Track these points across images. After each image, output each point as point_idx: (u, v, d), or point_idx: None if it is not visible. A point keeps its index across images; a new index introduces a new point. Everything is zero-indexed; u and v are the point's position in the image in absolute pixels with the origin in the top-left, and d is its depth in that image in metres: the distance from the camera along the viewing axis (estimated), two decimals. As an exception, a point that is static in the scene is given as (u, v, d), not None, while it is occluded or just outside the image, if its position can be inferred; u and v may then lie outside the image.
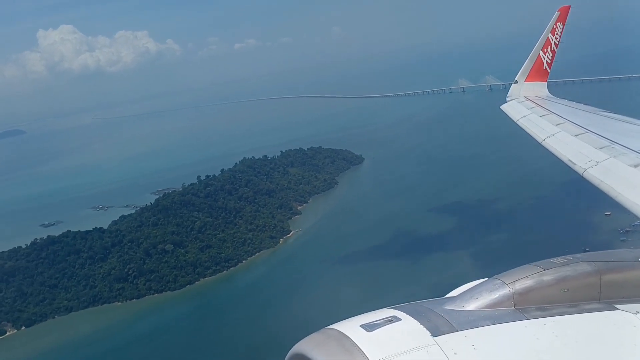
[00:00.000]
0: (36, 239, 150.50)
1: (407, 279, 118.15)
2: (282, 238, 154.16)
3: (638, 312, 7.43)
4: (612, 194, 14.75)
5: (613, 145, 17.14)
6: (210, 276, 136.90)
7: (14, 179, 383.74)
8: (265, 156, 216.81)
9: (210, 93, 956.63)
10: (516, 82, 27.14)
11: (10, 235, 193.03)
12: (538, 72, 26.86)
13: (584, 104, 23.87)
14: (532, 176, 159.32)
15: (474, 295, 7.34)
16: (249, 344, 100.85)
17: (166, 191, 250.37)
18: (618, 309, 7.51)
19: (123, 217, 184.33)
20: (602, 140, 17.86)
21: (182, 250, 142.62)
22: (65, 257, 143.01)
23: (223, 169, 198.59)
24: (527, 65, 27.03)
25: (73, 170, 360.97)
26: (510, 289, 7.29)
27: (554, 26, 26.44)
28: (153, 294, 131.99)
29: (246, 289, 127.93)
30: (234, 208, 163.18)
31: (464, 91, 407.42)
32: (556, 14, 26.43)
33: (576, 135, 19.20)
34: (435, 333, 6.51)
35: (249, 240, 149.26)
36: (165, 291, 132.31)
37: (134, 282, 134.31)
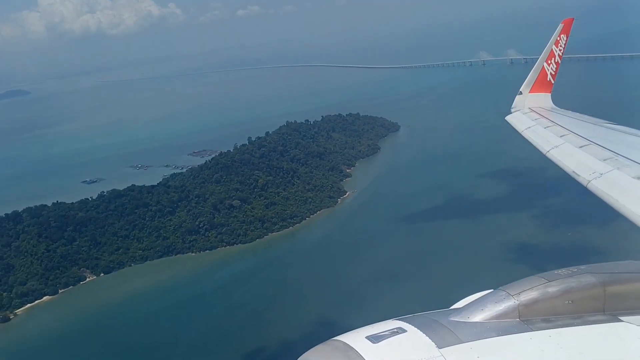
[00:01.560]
0: (102, 192, 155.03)
1: (470, 239, 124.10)
2: (340, 198, 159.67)
3: None
4: (616, 205, 14.81)
5: (616, 157, 17.18)
6: (278, 231, 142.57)
7: (33, 138, 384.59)
8: (307, 120, 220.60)
9: (214, 59, 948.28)
10: (520, 93, 26.99)
11: (55, 190, 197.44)
12: (542, 84, 26.71)
13: (588, 115, 23.94)
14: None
15: (479, 307, 7.33)
16: (324, 297, 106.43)
17: (202, 153, 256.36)
18: (622, 321, 7.40)
19: (174, 174, 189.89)
20: (605, 152, 17.88)
21: (249, 207, 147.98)
22: (134, 209, 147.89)
23: (268, 132, 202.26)
24: (531, 76, 26.84)
25: (96, 131, 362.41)
26: (516, 301, 7.28)
27: (558, 38, 26.24)
28: (225, 246, 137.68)
29: (315, 244, 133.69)
30: (290, 168, 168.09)
31: (484, 64, 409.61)
32: (560, 26, 26.38)
33: (580, 147, 19.22)
34: (440, 345, 6.51)
35: (310, 199, 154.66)
36: (237, 244, 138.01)
37: (206, 234, 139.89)
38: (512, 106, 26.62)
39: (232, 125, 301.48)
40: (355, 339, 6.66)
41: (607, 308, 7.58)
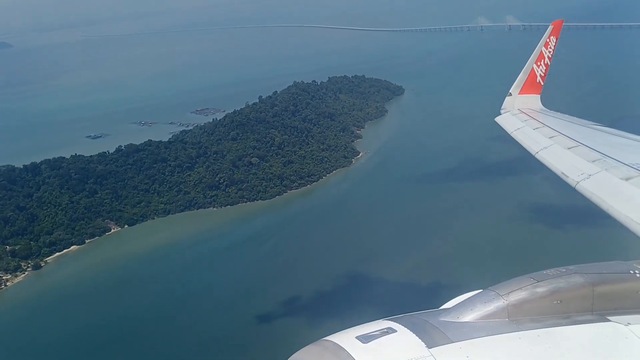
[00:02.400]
0: (120, 146, 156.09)
1: (486, 200, 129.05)
2: (354, 158, 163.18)
3: (630, 324, 7.42)
4: (604, 206, 14.98)
5: (605, 159, 17.43)
6: (296, 189, 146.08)
7: (25, 92, 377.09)
8: (314, 81, 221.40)
9: (199, 16, 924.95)
10: (510, 94, 27.03)
11: (60, 144, 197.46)
12: (532, 85, 26.83)
13: (577, 117, 24.28)
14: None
15: (468, 307, 7.39)
16: (350, 253, 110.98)
17: (206, 111, 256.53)
18: (610, 321, 7.49)
19: (185, 131, 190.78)
20: (594, 154, 18.14)
21: (267, 164, 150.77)
22: (152, 164, 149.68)
23: (276, 91, 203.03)
24: (520, 78, 26.95)
25: (90, 86, 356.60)
26: (505, 301, 7.33)
27: (548, 40, 26.37)
28: (245, 202, 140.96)
29: (334, 202, 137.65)
30: (304, 128, 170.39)
31: (482, 30, 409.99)
32: (550, 27, 26.57)
33: (569, 148, 19.46)
34: (430, 345, 6.56)
35: (326, 159, 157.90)
36: (257, 200, 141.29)
37: (226, 190, 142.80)
38: (502, 107, 26.61)
39: (231, 85, 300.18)
40: (346, 339, 6.66)
41: (595, 308, 7.61)
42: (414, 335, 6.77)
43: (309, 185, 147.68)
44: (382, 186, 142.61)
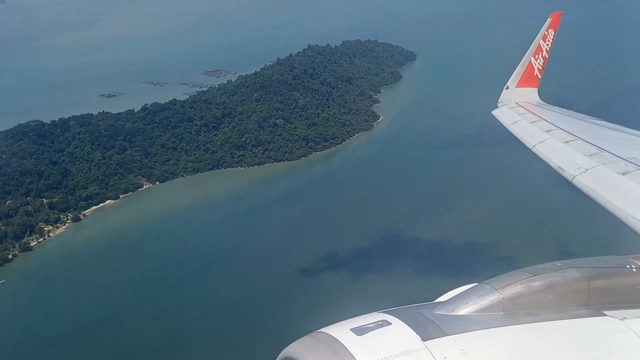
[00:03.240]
0: (146, 105, 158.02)
1: (510, 168, 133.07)
2: (375, 122, 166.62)
3: (625, 318, 7.52)
4: (601, 201, 14.91)
5: (602, 153, 17.29)
6: (321, 151, 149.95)
7: (28, 49, 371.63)
8: (329, 44, 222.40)
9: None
10: (507, 87, 26.90)
11: (74, 103, 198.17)
12: (529, 79, 26.73)
13: (574, 110, 24.19)
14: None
15: (464, 300, 7.43)
16: (384, 213, 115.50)
17: (217, 73, 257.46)
18: (605, 315, 7.55)
19: (202, 92, 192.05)
20: (591, 148, 18.04)
21: (292, 126, 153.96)
22: (179, 123, 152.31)
23: (292, 54, 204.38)
24: (518, 71, 26.80)
25: (95, 46, 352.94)
26: (500, 294, 7.38)
27: (546, 33, 26.21)
28: (272, 162, 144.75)
29: (361, 165, 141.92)
30: (326, 91, 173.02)
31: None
32: (548, 20, 26.38)
33: (566, 142, 19.36)
34: (425, 337, 6.60)
35: (348, 122, 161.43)
36: (283, 161, 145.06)
37: (253, 150, 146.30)
38: (499, 100, 26.58)
39: (239, 47, 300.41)
40: (340, 331, 6.66)
41: (590, 302, 7.65)
42: (409, 328, 6.72)
43: (332, 148, 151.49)
44: (405, 150, 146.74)
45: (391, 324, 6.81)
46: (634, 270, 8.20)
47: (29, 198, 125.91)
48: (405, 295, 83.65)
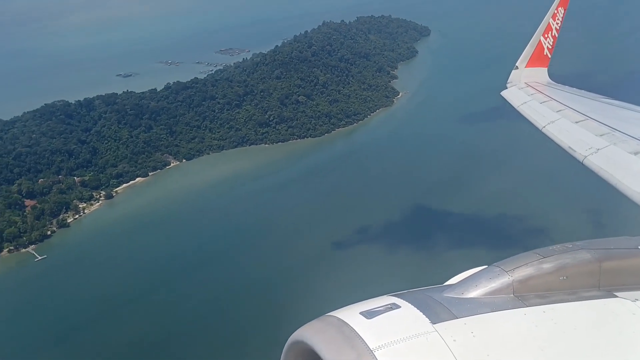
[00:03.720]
0: (169, 83, 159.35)
1: (536, 141, 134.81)
2: (395, 98, 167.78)
3: (637, 300, 7.48)
4: (612, 181, 14.75)
5: (613, 133, 17.10)
6: (343, 127, 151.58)
7: (35, 31, 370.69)
8: (343, 21, 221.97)
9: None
10: (516, 68, 26.09)
11: (93, 82, 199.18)
12: (539, 58, 26.12)
13: (585, 89, 23.57)
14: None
15: (473, 283, 7.40)
16: (414, 187, 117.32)
17: (230, 51, 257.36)
18: (617, 297, 7.53)
19: (220, 70, 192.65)
20: (602, 127, 17.83)
21: (313, 103, 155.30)
22: (201, 101, 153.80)
23: (307, 31, 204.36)
24: (527, 50, 26.04)
25: (102, 26, 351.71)
26: (510, 277, 7.32)
27: (555, 11, 25.56)
28: (296, 139, 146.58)
29: (384, 140, 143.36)
30: (344, 68, 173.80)
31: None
32: None
33: (576, 122, 19.15)
34: (434, 320, 6.59)
35: (369, 98, 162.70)
36: (307, 137, 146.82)
37: (276, 127, 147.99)
38: (508, 81, 25.88)
39: (250, 25, 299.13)
40: (349, 314, 6.70)
41: (602, 284, 7.64)
42: (418, 311, 6.72)
43: (355, 124, 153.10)
44: (427, 125, 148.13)
45: (400, 307, 6.78)
46: None
47: (60, 176, 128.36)
48: (439, 267, 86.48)
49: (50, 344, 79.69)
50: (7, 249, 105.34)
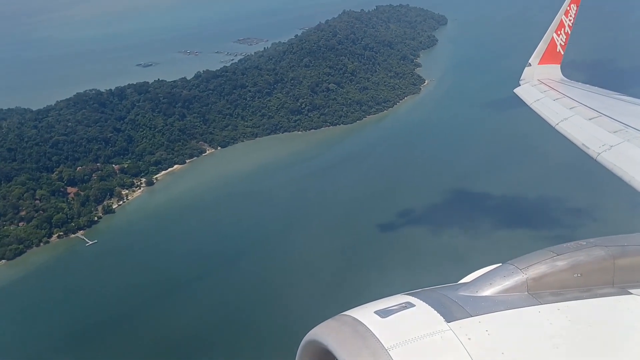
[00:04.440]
0: (199, 72, 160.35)
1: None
2: (421, 86, 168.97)
3: None
4: (626, 178, 14.73)
5: (627, 129, 17.06)
6: (374, 114, 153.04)
7: (48, 21, 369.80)
8: (362, 10, 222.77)
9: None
10: (529, 65, 26.24)
11: (113, 73, 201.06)
12: (551, 55, 26.06)
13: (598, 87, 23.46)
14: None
15: (487, 281, 7.37)
16: (453, 171, 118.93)
17: (248, 41, 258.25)
18: (632, 294, 7.50)
19: (243, 59, 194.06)
20: (615, 124, 17.78)
21: (343, 90, 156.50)
22: (232, 90, 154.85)
23: (328, 19, 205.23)
24: (540, 47, 26.06)
25: (112, 16, 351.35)
26: (524, 275, 7.31)
27: (568, 8, 25.62)
28: (328, 126, 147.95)
29: (416, 126, 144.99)
30: (371, 56, 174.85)
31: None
32: None
33: (590, 119, 19.08)
34: (449, 319, 6.58)
35: (397, 86, 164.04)
36: (339, 124, 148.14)
37: (308, 115, 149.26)
38: (521, 78, 26.06)
39: (264, 14, 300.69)
40: (364, 314, 6.71)
41: (616, 281, 7.60)
42: (433, 309, 6.72)
43: (385, 111, 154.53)
44: (457, 112, 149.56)
45: (415, 305, 6.78)
46: None
47: (98, 164, 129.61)
48: (487, 247, 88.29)
49: (114, 324, 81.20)
50: (56, 235, 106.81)
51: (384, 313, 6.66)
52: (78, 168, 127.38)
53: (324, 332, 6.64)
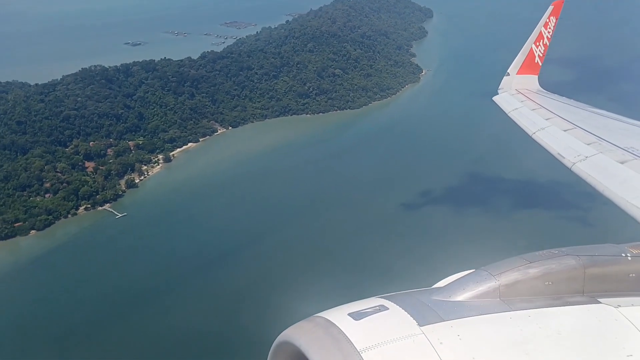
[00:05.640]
0: (205, 52, 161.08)
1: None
2: (420, 74, 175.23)
3: (619, 306, 7.57)
4: (599, 187, 15.39)
5: (600, 142, 17.74)
6: (379, 100, 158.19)
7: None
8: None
9: None
10: (508, 74, 26.77)
11: (101, 50, 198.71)
12: (530, 66, 26.72)
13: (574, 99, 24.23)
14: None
15: (461, 286, 7.47)
16: (459, 155, 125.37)
17: (236, 24, 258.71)
18: (600, 303, 7.61)
19: (238, 42, 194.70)
20: (590, 137, 18.47)
21: (349, 76, 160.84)
22: (238, 71, 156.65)
23: (322, 6, 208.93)
24: (519, 58, 26.65)
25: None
26: (497, 281, 7.42)
27: (547, 20, 26.25)
28: (336, 110, 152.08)
29: (422, 110, 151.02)
30: (371, 44, 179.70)
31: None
32: (550, 8, 26.39)
33: (565, 130, 19.80)
34: (422, 322, 6.63)
35: (398, 74, 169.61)
36: (346, 109, 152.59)
37: (316, 99, 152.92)
38: (499, 87, 26.65)
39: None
40: (337, 315, 6.68)
41: (586, 290, 7.74)
42: (406, 313, 6.73)
43: (389, 98, 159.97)
44: (458, 100, 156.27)
45: (388, 309, 6.84)
46: (629, 258, 8.26)
47: (111, 140, 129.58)
48: (506, 226, 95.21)
49: (167, 290, 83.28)
50: (83, 207, 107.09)
51: (357, 315, 6.68)
52: (91, 143, 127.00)
53: (296, 334, 6.62)
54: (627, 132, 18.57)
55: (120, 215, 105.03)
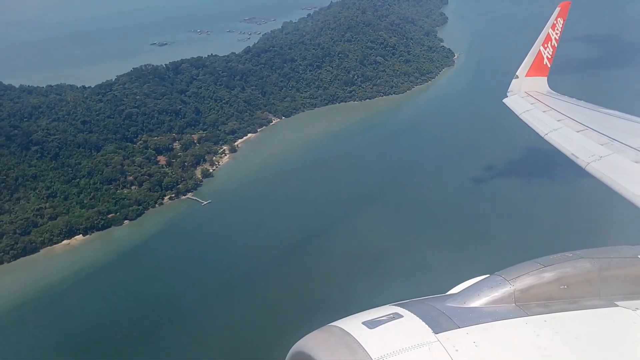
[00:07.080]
0: (248, 47, 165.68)
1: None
2: (453, 58, 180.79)
3: (637, 309, 7.42)
4: (614, 186, 15.57)
5: (612, 143, 18.01)
6: (420, 84, 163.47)
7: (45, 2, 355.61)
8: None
9: None
10: (517, 77, 27.16)
11: (130, 51, 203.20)
12: (538, 67, 26.84)
13: (584, 100, 24.03)
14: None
15: (475, 292, 7.38)
16: (509, 138, 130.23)
17: (256, 20, 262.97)
18: (618, 306, 7.47)
19: (267, 36, 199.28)
20: (602, 137, 18.63)
21: (389, 63, 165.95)
22: (283, 64, 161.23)
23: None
24: (527, 60, 26.98)
25: None
26: (512, 286, 7.31)
27: (555, 22, 26.36)
28: (382, 96, 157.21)
29: (466, 93, 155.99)
30: (402, 31, 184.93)
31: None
32: (557, 9, 26.43)
33: (577, 131, 19.83)
34: (437, 330, 6.57)
35: (434, 58, 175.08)
36: (392, 94, 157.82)
37: (361, 86, 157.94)
38: (509, 89, 27.08)
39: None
40: (352, 324, 6.63)
41: (602, 293, 7.60)
42: (421, 320, 6.72)
43: (429, 82, 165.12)
44: (495, 80, 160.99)
45: (403, 316, 6.79)
46: None
47: (174, 134, 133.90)
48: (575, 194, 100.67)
49: (269, 266, 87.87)
50: (168, 197, 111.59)
51: (371, 324, 6.63)
52: (156, 138, 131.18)
53: (311, 344, 6.62)
54: (638, 132, 18.71)
55: (205, 202, 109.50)
